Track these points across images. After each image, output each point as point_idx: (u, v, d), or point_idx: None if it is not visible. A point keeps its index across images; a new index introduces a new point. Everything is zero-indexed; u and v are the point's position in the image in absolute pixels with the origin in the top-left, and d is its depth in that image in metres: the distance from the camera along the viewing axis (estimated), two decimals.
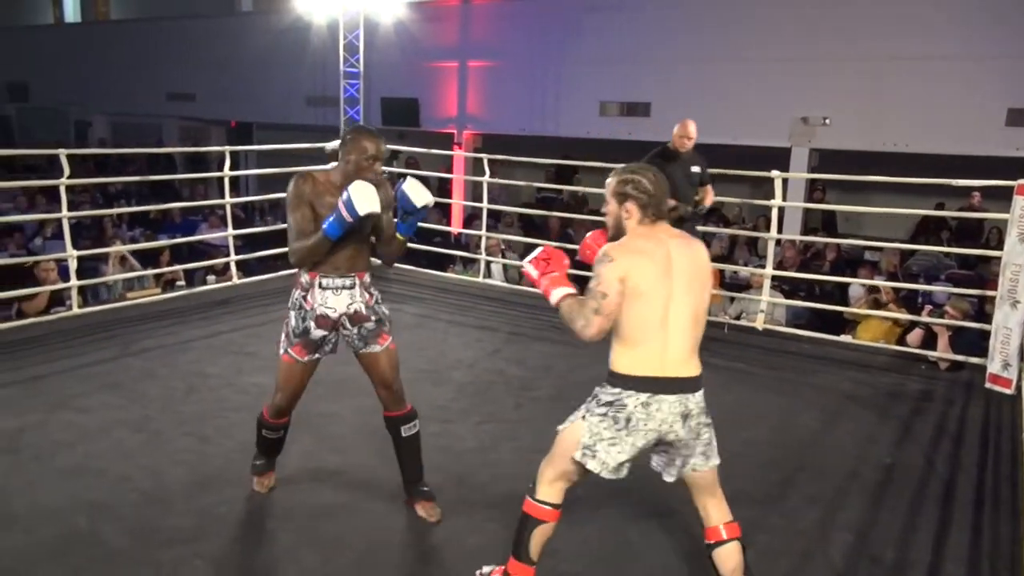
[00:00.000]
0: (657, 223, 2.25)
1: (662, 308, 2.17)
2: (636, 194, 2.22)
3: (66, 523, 2.84)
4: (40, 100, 17.61)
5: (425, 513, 2.96)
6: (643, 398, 2.18)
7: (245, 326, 5.32)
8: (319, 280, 2.78)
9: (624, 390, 2.19)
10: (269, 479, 3.13)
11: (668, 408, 2.19)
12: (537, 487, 2.35)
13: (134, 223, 9.51)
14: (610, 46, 9.97)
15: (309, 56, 11.78)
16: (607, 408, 2.21)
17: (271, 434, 3.03)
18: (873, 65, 8.29)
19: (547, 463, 2.35)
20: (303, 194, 2.71)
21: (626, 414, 2.18)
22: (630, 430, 2.19)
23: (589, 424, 2.23)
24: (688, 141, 4.99)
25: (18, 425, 3.61)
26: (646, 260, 2.18)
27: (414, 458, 2.99)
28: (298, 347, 2.83)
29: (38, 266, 5.76)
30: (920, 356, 5.08)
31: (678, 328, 2.19)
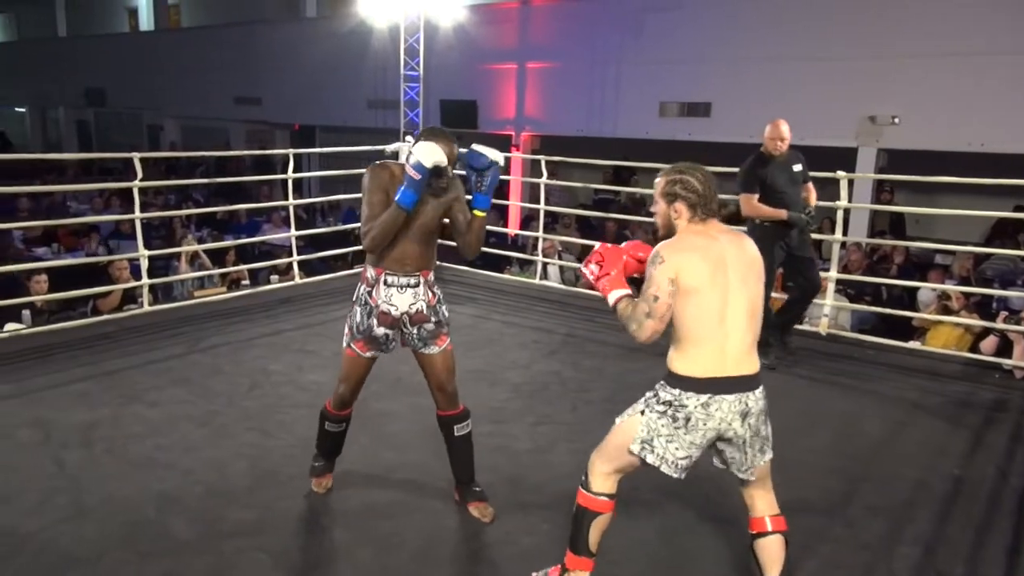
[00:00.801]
0: (708, 221, 2.25)
1: (719, 304, 2.17)
2: (685, 194, 2.23)
3: (135, 513, 2.95)
4: (116, 105, 18.35)
5: (479, 513, 2.98)
6: (703, 399, 2.17)
7: (306, 324, 5.44)
8: (384, 276, 2.82)
9: (684, 391, 2.19)
10: (327, 480, 3.17)
11: (728, 407, 2.18)
12: (590, 479, 2.35)
13: (202, 224, 9.83)
14: (670, 46, 9.85)
15: (370, 60, 11.98)
16: (666, 407, 2.21)
17: (334, 427, 3.07)
18: (945, 62, 7.98)
19: (599, 455, 2.36)
20: (380, 180, 2.77)
21: (685, 414, 2.18)
22: (688, 429, 2.19)
23: (647, 419, 2.23)
24: (781, 143, 4.67)
25: (92, 419, 3.76)
26: (698, 257, 2.17)
27: (466, 458, 3.02)
28: (360, 343, 2.88)
29: (112, 265, 6.01)
30: (994, 364, 4.87)
31: (736, 324, 2.19)
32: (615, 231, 8.73)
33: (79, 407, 3.89)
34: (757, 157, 4.74)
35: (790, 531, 2.96)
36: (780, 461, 3.57)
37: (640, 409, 2.27)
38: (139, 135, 18.56)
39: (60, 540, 2.76)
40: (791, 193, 4.71)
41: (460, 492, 3.06)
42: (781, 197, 4.68)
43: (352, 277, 6.79)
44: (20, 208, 9.88)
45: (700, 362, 2.18)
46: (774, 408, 2.32)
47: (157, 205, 10.66)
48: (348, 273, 6.95)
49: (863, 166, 8.58)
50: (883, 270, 7.33)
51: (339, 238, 8.24)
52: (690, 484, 3.28)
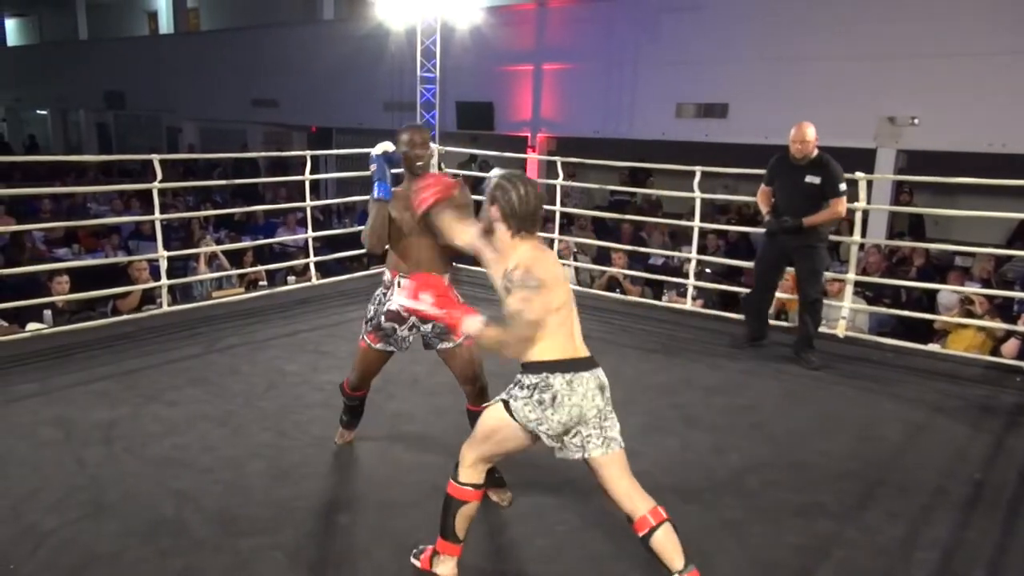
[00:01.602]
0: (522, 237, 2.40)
1: (565, 300, 2.41)
2: (503, 202, 2.35)
3: (154, 510, 2.98)
4: (135, 108, 18.54)
5: (497, 498, 3.07)
6: (568, 376, 2.34)
7: (322, 325, 5.47)
8: (399, 280, 2.97)
9: (549, 373, 2.34)
10: (351, 435, 3.51)
11: (587, 382, 2.36)
12: (459, 470, 2.47)
13: (219, 225, 9.91)
14: (687, 47, 9.82)
15: (387, 62, 12.03)
16: (531, 392, 2.35)
17: (350, 402, 3.42)
18: (965, 62, 7.89)
19: (468, 447, 2.48)
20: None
21: (552, 393, 2.32)
22: (556, 407, 2.32)
23: (514, 408, 2.36)
24: (802, 146, 4.60)
25: (112, 417, 3.81)
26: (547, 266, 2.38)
27: None
28: (371, 334, 3.08)
29: (132, 266, 6.07)
30: (1015, 367, 4.82)
31: (572, 318, 2.44)
32: (631, 232, 8.71)
33: (99, 406, 3.94)
34: (781, 155, 4.81)
35: (805, 534, 2.95)
36: (797, 464, 3.56)
37: (502, 400, 2.40)
38: (158, 137, 18.74)
39: (80, 537, 2.80)
40: (790, 200, 4.71)
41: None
42: (782, 198, 4.79)
43: (368, 278, 6.82)
44: (42, 209, 10.01)
45: (557, 348, 2.35)
46: (791, 411, 2.31)
47: (176, 206, 10.76)
48: (364, 274, 6.98)
49: (882, 167, 8.52)
50: (902, 272, 7.26)
51: (355, 239, 8.27)
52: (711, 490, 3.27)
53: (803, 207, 4.65)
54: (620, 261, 6.95)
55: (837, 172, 4.63)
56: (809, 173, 4.64)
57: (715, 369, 4.79)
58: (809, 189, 4.64)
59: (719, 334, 5.44)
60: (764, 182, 4.95)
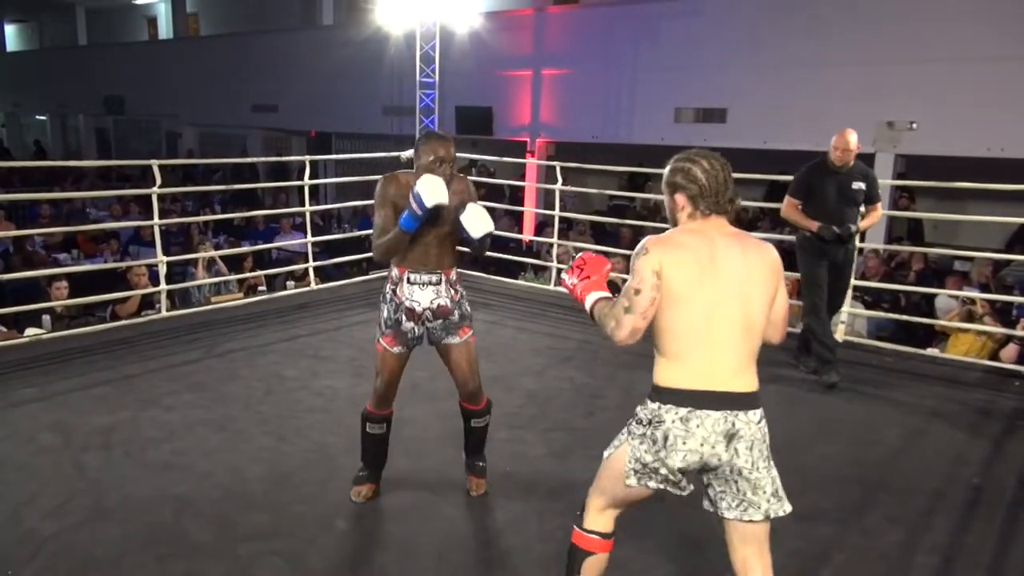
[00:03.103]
0: (710, 218, 2.02)
1: (705, 313, 1.93)
2: (685, 183, 2.02)
3: (153, 515, 2.98)
4: (135, 113, 18.54)
5: (473, 487, 3.19)
6: (682, 412, 1.93)
7: (321, 330, 5.47)
8: (407, 275, 2.95)
9: (662, 404, 1.96)
10: (367, 489, 3.15)
11: (711, 425, 1.92)
12: (584, 515, 2.17)
13: (219, 230, 9.91)
14: (685, 52, 9.84)
15: (386, 67, 12.05)
16: (645, 428, 1.99)
17: (375, 428, 3.10)
18: (964, 67, 7.91)
19: (594, 490, 2.17)
20: (387, 194, 2.90)
21: (663, 431, 1.95)
22: (668, 448, 1.95)
23: (632, 447, 2.02)
24: (844, 154, 4.44)
25: (111, 422, 3.80)
26: (687, 256, 1.94)
27: (477, 442, 3.24)
28: (388, 337, 2.99)
29: (131, 271, 6.07)
30: (1014, 372, 4.82)
31: (726, 337, 1.94)
32: (630, 237, 8.71)
33: (98, 411, 3.94)
34: (816, 163, 4.59)
35: (804, 539, 2.95)
36: (796, 469, 3.55)
37: (623, 438, 2.07)
38: (157, 142, 18.76)
39: (79, 542, 2.79)
40: (839, 209, 4.49)
41: (467, 464, 3.28)
42: (826, 209, 4.50)
43: (367, 283, 6.83)
44: (42, 214, 10.01)
45: (683, 374, 1.95)
46: (789, 415, 2.30)
47: (175, 211, 10.77)
48: (363, 279, 6.98)
49: (881, 172, 8.49)
50: (901, 276, 7.26)
51: (354, 244, 8.28)
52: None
53: (850, 214, 4.54)
54: (619, 266, 6.95)
55: (876, 176, 4.70)
56: (855, 180, 4.52)
57: None
58: (855, 196, 4.53)
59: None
60: (794, 195, 4.60)
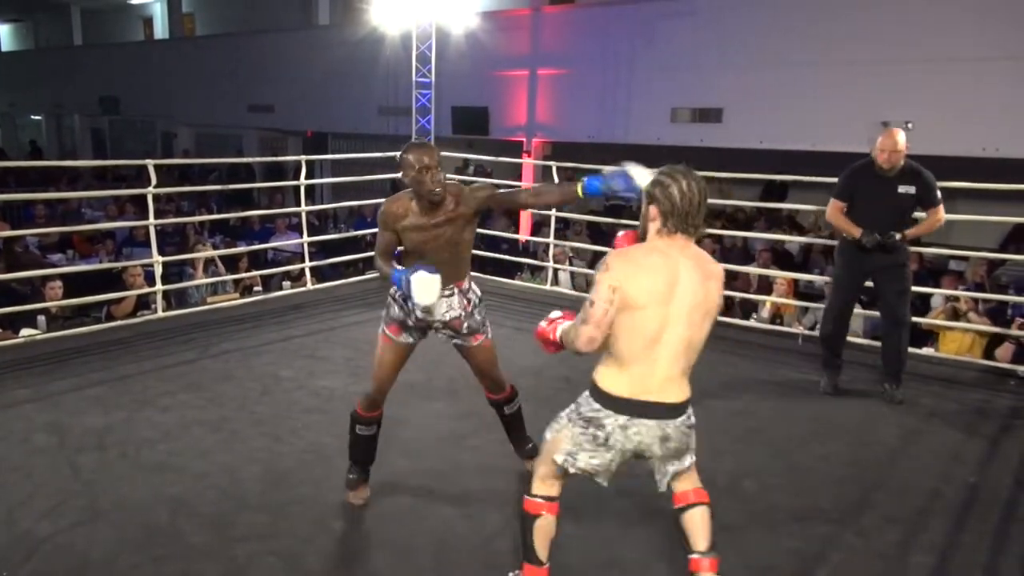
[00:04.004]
0: (676, 237, 2.10)
1: (656, 328, 2.08)
2: (661, 198, 2.10)
3: (149, 516, 2.97)
4: (130, 113, 18.51)
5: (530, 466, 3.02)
6: (622, 421, 2.14)
7: (317, 330, 5.46)
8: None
9: (604, 408, 2.16)
10: (363, 491, 3.13)
11: (647, 432, 2.15)
12: (531, 484, 2.37)
13: (215, 230, 9.88)
14: (682, 51, 9.84)
15: (382, 67, 12.03)
16: (587, 424, 2.19)
17: (364, 429, 3.07)
18: (959, 67, 7.93)
19: (538, 462, 2.39)
20: (387, 219, 2.87)
21: (605, 434, 2.17)
22: (608, 447, 2.18)
23: (572, 432, 2.23)
24: (890, 155, 4.13)
25: (106, 423, 3.79)
26: (645, 275, 2.06)
27: (519, 429, 3.29)
28: (394, 326, 2.97)
29: (126, 271, 6.05)
30: (1010, 372, 4.83)
31: (669, 352, 2.11)
32: None
33: (93, 412, 3.92)
34: (862, 164, 4.33)
35: (802, 539, 2.95)
36: (794, 468, 3.56)
37: (567, 419, 2.27)
38: (153, 143, 18.72)
39: (74, 544, 2.78)
40: (882, 213, 4.21)
41: (519, 454, 3.34)
42: (870, 214, 4.25)
43: (363, 283, 6.82)
44: (37, 215, 9.97)
45: (624, 381, 2.12)
46: (787, 415, 2.31)
47: (171, 212, 10.73)
48: (359, 279, 6.97)
49: None
50: None
51: (351, 244, 8.27)
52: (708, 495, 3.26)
53: (896, 221, 4.23)
54: None
55: (932, 179, 4.23)
56: (901, 183, 4.20)
57: (710, 374, 4.79)
58: (903, 201, 4.22)
59: (714, 339, 5.41)
60: (839, 197, 4.35)
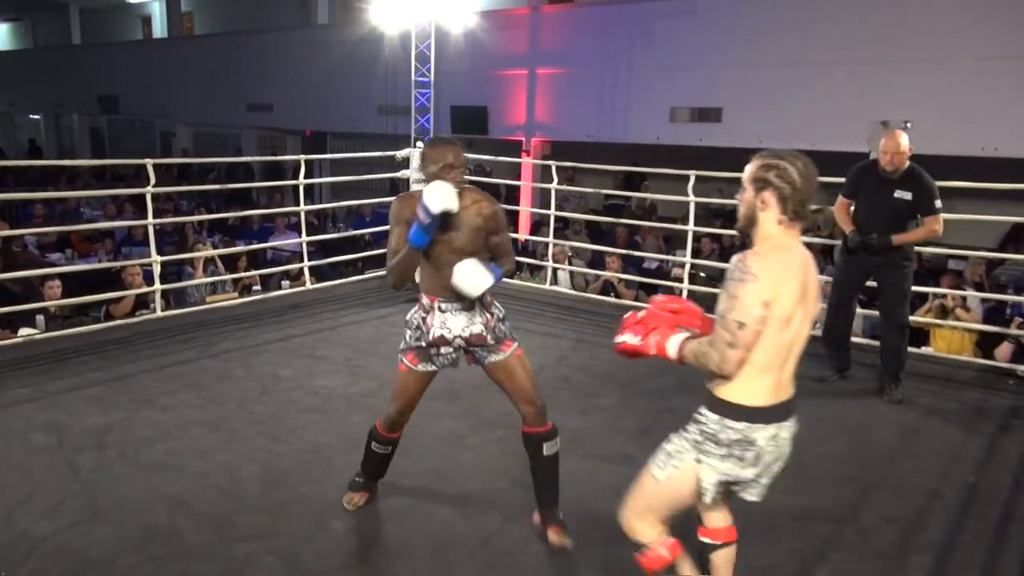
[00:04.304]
0: (795, 227, 1.95)
1: (794, 335, 1.93)
2: (779, 183, 1.91)
3: (147, 516, 2.97)
4: (129, 112, 18.48)
5: (556, 539, 2.81)
6: (771, 431, 1.96)
7: (317, 330, 5.45)
8: (438, 304, 2.73)
9: (750, 424, 1.95)
10: (360, 497, 3.07)
11: (787, 434, 2.04)
12: (639, 537, 2.12)
13: (213, 230, 9.87)
14: (681, 51, 9.84)
15: (381, 66, 12.02)
16: (728, 448, 1.96)
17: (380, 448, 2.96)
18: (958, 66, 7.94)
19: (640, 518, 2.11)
20: (399, 215, 2.69)
21: (755, 451, 1.96)
22: (757, 463, 1.99)
23: (709, 466, 1.99)
24: (893, 157, 4.13)
25: (106, 422, 3.79)
26: (791, 279, 1.89)
27: (551, 479, 2.85)
28: (411, 354, 2.79)
29: (125, 270, 6.04)
30: (1009, 371, 4.84)
31: (796, 353, 1.99)
32: (626, 236, 8.72)
33: (92, 411, 3.92)
34: (866, 164, 4.41)
35: (801, 538, 2.96)
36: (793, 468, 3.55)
37: (693, 458, 2.02)
38: (152, 142, 18.70)
39: (73, 543, 2.78)
40: (877, 214, 4.26)
41: (542, 517, 2.87)
42: (864, 214, 4.34)
43: (362, 283, 6.82)
44: (35, 214, 9.97)
45: (764, 391, 1.95)
46: None
47: (169, 211, 10.72)
48: (358, 279, 6.97)
49: None
50: None
51: (349, 244, 8.26)
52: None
53: (889, 224, 4.23)
54: (614, 265, 6.96)
55: (931, 187, 4.19)
56: (899, 187, 4.19)
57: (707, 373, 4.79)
58: (898, 205, 4.21)
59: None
60: (844, 194, 4.43)
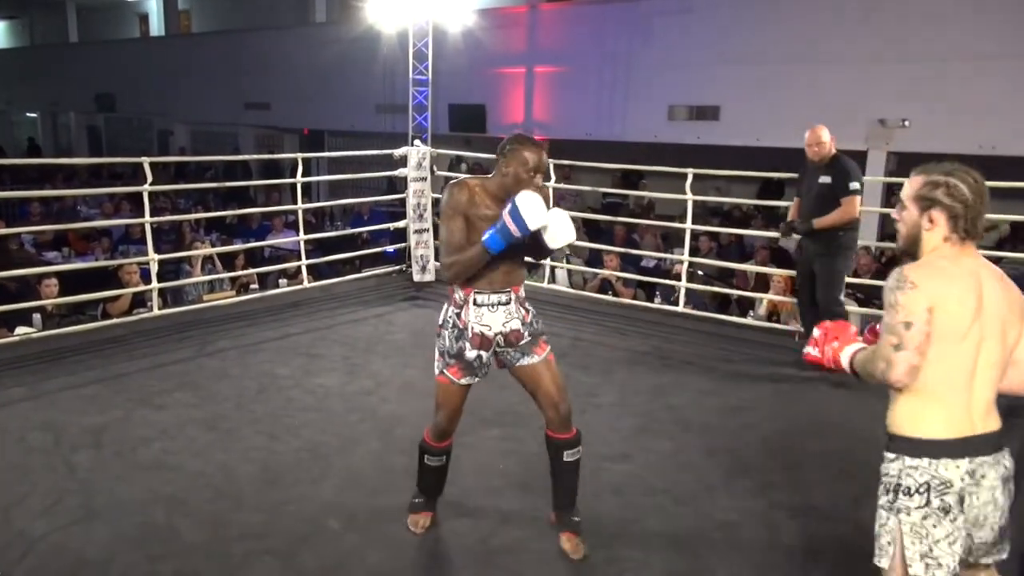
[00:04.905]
0: (966, 244, 1.81)
1: (974, 354, 1.76)
2: (950, 202, 1.78)
3: (145, 515, 2.96)
4: (126, 111, 18.44)
5: (569, 546, 2.78)
6: (965, 465, 1.74)
7: (314, 328, 5.44)
8: (474, 297, 2.62)
9: (935, 459, 1.74)
10: (425, 519, 2.94)
11: (993, 473, 1.77)
12: None
13: (211, 228, 9.85)
14: (679, 49, 9.84)
15: (379, 65, 12.01)
16: (924, 497, 1.75)
17: (434, 460, 2.85)
18: (956, 65, 7.94)
19: None
20: (459, 204, 2.56)
21: (955, 493, 1.73)
22: (965, 510, 1.75)
23: (911, 527, 1.77)
24: (815, 149, 4.54)
25: (102, 421, 3.78)
26: (957, 291, 1.74)
27: (570, 485, 2.81)
28: (454, 369, 2.66)
29: (122, 269, 6.02)
30: None
31: (986, 378, 1.79)
32: (623, 235, 8.71)
33: (89, 410, 3.91)
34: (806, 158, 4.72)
35: (799, 536, 2.95)
36: (790, 465, 3.56)
37: (895, 524, 1.80)
38: (149, 140, 18.66)
39: (70, 543, 2.78)
40: (807, 203, 4.65)
41: (558, 517, 2.86)
42: (802, 203, 4.75)
43: (360, 281, 6.81)
44: (32, 212, 9.94)
45: (944, 419, 1.75)
46: (784, 412, 2.30)
47: (167, 209, 10.70)
48: (355, 277, 6.96)
49: (873, 169, 8.55)
50: None
51: (347, 242, 8.24)
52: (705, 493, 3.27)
53: (816, 209, 4.56)
54: (612, 263, 6.95)
55: (848, 170, 4.52)
56: (822, 174, 4.56)
57: (707, 371, 4.80)
58: (821, 190, 4.55)
59: (711, 336, 5.45)
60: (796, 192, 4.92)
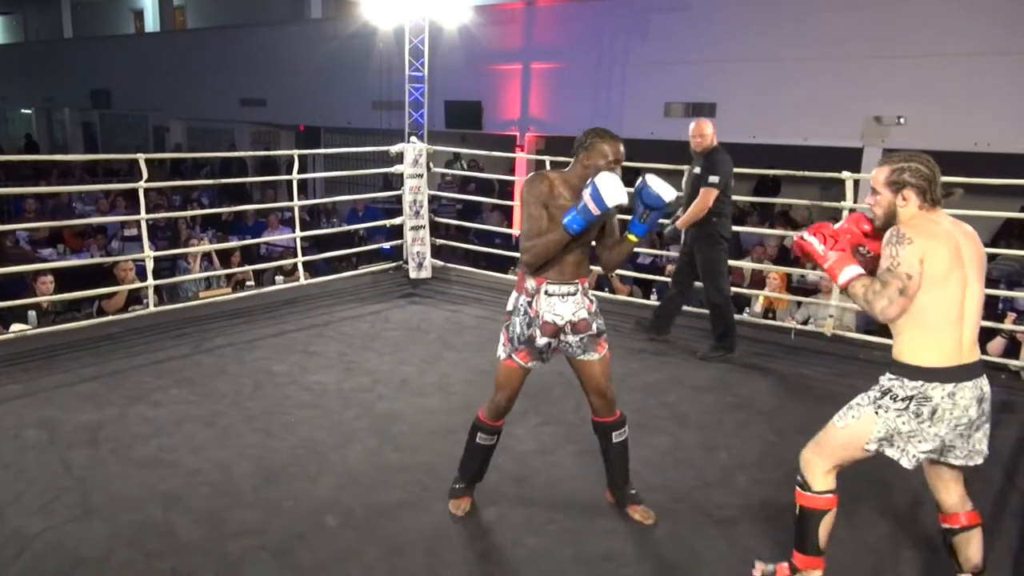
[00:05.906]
0: (936, 209, 2.26)
1: (959, 296, 2.20)
2: (916, 181, 2.24)
3: (141, 513, 2.96)
4: (121, 107, 18.39)
5: (639, 517, 2.97)
6: (948, 388, 2.20)
7: (310, 325, 5.44)
8: (546, 287, 2.75)
9: (927, 382, 2.21)
10: (466, 503, 3.05)
11: (969, 395, 2.22)
12: (810, 480, 2.41)
13: (207, 225, 9.84)
14: (675, 46, 9.84)
15: (375, 61, 11.99)
16: (906, 403, 2.23)
17: (485, 438, 2.98)
18: (951, 62, 7.96)
19: (818, 456, 2.41)
20: (540, 194, 2.70)
21: (931, 407, 2.21)
22: (935, 421, 2.22)
23: (884, 419, 2.27)
24: (696, 140, 4.77)
25: (98, 419, 3.78)
26: (940, 244, 2.18)
27: (623, 463, 3.00)
28: (523, 353, 2.82)
29: (117, 266, 6.01)
30: (1001, 366, 4.85)
31: (971, 316, 2.23)
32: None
33: (85, 407, 3.91)
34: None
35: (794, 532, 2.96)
36: (786, 462, 3.57)
37: (871, 409, 2.30)
38: (144, 137, 18.61)
39: (66, 540, 2.77)
40: (685, 191, 4.86)
41: (614, 495, 3.06)
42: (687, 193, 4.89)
43: (356, 278, 6.80)
44: (27, 209, 9.91)
45: (940, 353, 2.20)
46: (778, 410, 2.31)
47: (163, 206, 10.67)
48: (351, 274, 6.95)
49: (868, 166, 8.55)
50: None
51: (343, 239, 8.24)
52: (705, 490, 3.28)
53: (692, 199, 4.77)
54: None
55: (714, 164, 4.67)
56: (697, 164, 4.77)
57: (704, 367, 4.81)
58: (695, 181, 4.76)
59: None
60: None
